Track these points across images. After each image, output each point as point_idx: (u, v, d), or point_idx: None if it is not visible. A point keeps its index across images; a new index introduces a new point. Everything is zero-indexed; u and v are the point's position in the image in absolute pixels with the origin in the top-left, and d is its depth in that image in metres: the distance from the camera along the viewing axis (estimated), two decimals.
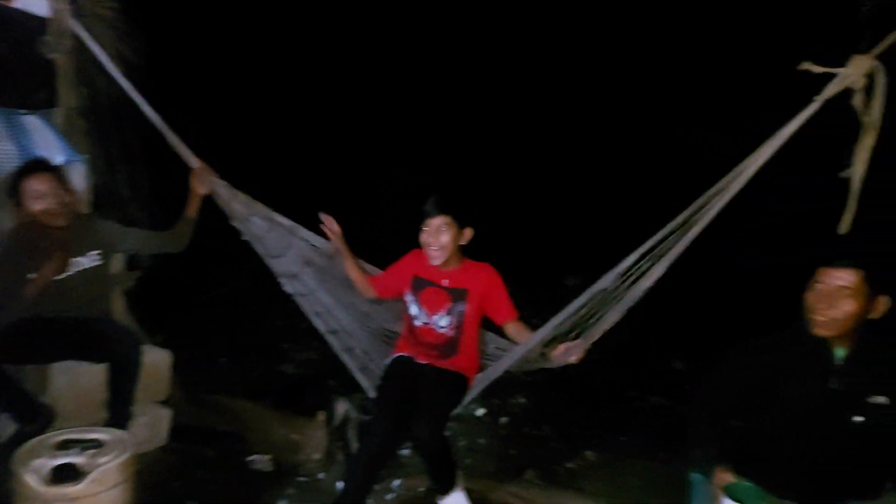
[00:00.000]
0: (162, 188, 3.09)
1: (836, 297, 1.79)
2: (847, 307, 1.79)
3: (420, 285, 2.65)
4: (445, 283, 2.62)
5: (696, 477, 1.88)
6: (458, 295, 2.60)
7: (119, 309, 3.38)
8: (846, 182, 1.75)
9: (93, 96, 2.93)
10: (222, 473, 3.07)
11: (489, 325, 2.79)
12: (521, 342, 2.56)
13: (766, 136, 1.86)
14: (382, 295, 2.83)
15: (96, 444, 2.06)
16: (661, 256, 2.11)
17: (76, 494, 1.90)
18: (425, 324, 2.66)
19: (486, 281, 2.61)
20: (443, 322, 2.64)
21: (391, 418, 2.43)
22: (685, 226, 2.03)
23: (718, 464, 1.80)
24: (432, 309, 2.64)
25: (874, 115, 1.67)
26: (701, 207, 1.99)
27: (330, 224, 2.76)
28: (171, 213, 2.98)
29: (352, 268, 2.79)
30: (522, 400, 4.55)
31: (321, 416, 3.27)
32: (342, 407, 3.35)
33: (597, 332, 2.35)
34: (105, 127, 2.93)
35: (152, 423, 3.10)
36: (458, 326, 2.63)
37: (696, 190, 2.05)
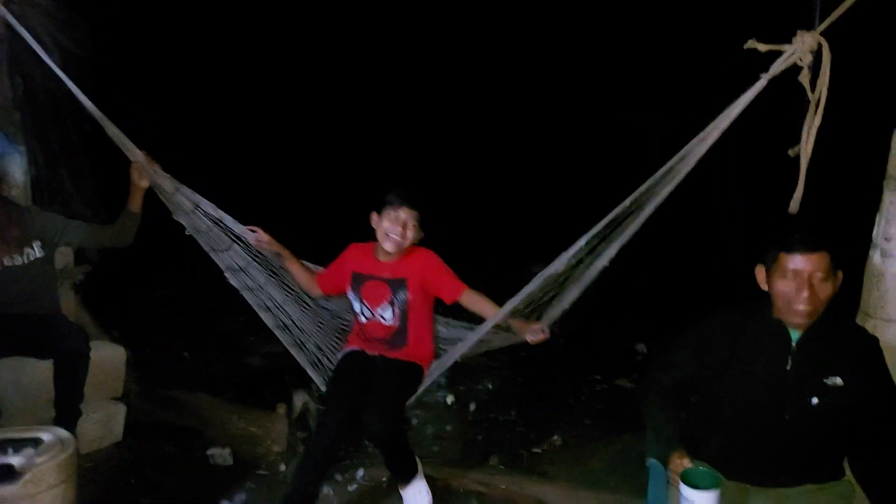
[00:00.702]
0: (108, 182, 2.97)
1: (812, 284, 1.74)
2: (825, 292, 1.76)
3: (360, 280, 2.62)
4: (383, 274, 2.58)
5: (653, 463, 1.85)
6: (397, 285, 2.57)
7: (69, 304, 3.27)
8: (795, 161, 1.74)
9: (29, 87, 2.80)
10: (180, 469, 3.00)
11: (441, 308, 2.77)
12: (481, 310, 2.53)
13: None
14: (327, 292, 2.79)
15: (34, 444, 1.97)
16: (614, 238, 2.09)
17: (10, 495, 1.81)
18: (370, 319, 2.63)
19: (422, 264, 2.57)
20: (387, 314, 2.60)
21: (342, 412, 2.40)
22: (634, 208, 2.01)
23: (674, 448, 1.78)
24: (374, 303, 2.60)
25: (821, 91, 1.66)
26: (649, 189, 1.97)
27: (259, 237, 2.68)
28: (119, 208, 2.88)
29: (296, 269, 2.74)
30: (489, 385, 4.54)
31: (281, 408, 3.22)
32: (300, 399, 3.30)
33: (556, 312, 2.35)
34: (43, 119, 2.79)
35: (105, 420, 3.01)
36: (404, 316, 2.60)
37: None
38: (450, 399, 4.23)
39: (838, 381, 1.79)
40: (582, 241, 2.14)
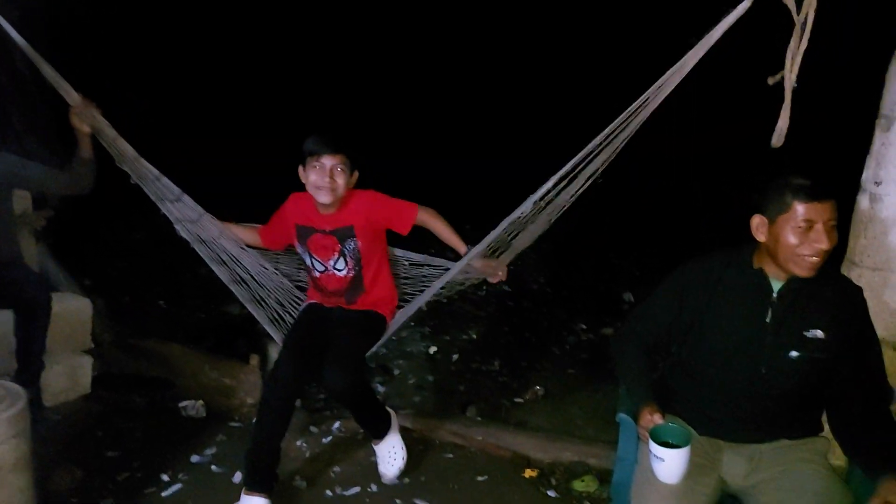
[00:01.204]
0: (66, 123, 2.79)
1: (825, 234, 1.63)
2: (833, 240, 1.66)
3: (305, 233, 2.48)
4: (327, 227, 2.45)
5: (622, 417, 1.77)
6: (343, 234, 2.44)
7: (30, 251, 3.16)
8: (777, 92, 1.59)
9: None
10: (150, 420, 2.95)
11: (397, 241, 2.66)
12: (439, 230, 2.44)
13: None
14: (273, 247, 2.66)
15: None
16: (579, 175, 1.97)
17: None
18: (323, 272, 2.51)
19: (366, 207, 2.44)
20: (339, 265, 2.48)
21: (295, 363, 2.31)
22: (606, 144, 1.88)
23: (646, 402, 1.70)
24: (323, 256, 2.48)
25: (807, 12, 1.50)
26: (621, 123, 1.83)
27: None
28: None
29: (231, 229, 2.60)
30: (473, 335, 4.49)
31: (254, 359, 3.14)
32: (275, 352, 3.22)
33: (515, 250, 2.25)
34: None
35: (71, 372, 2.94)
36: (358, 265, 2.48)
37: None
38: (432, 349, 4.19)
39: (819, 333, 1.71)
40: (549, 183, 2.01)
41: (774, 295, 1.74)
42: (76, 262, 3.76)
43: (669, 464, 1.57)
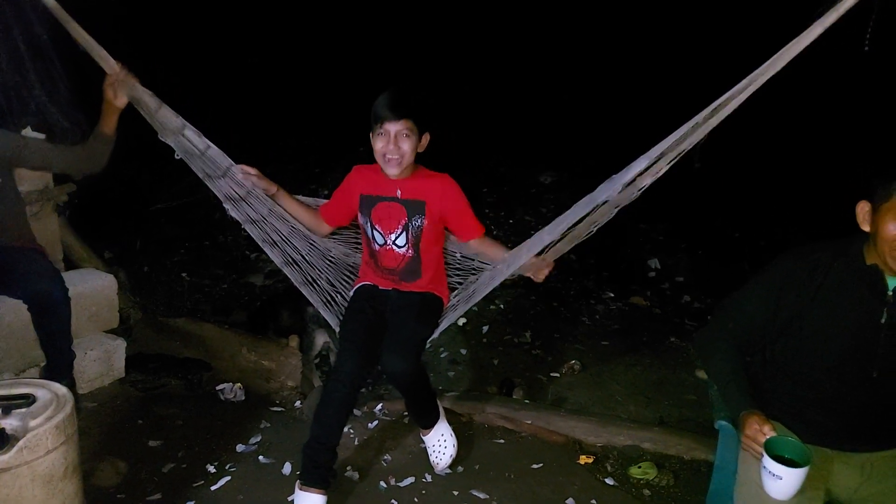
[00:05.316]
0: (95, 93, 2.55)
1: None
2: None
3: (370, 203, 2.31)
4: (398, 193, 2.29)
5: (722, 425, 1.65)
6: (414, 208, 2.28)
7: (52, 228, 2.99)
8: None
9: None
10: (189, 406, 2.83)
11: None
12: (492, 255, 2.34)
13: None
14: (335, 224, 2.48)
15: (27, 401, 1.75)
16: (665, 155, 1.79)
17: (3, 465, 1.59)
18: (383, 245, 2.35)
19: (444, 192, 2.28)
20: (400, 241, 2.32)
21: (357, 356, 2.20)
22: (703, 121, 1.69)
23: (748, 408, 1.58)
24: (387, 227, 2.31)
25: None
26: (730, 97, 1.65)
27: (245, 169, 2.33)
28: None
29: (293, 207, 2.42)
30: (501, 306, 4.38)
31: (294, 340, 3.02)
32: (321, 339, 3.10)
33: (575, 237, 2.10)
34: (3, 14, 2.35)
35: (105, 357, 2.81)
36: (417, 245, 2.33)
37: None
38: (461, 321, 4.08)
39: None
40: (642, 163, 1.81)
41: (890, 293, 1.61)
42: (96, 235, 3.60)
43: (787, 482, 1.46)
